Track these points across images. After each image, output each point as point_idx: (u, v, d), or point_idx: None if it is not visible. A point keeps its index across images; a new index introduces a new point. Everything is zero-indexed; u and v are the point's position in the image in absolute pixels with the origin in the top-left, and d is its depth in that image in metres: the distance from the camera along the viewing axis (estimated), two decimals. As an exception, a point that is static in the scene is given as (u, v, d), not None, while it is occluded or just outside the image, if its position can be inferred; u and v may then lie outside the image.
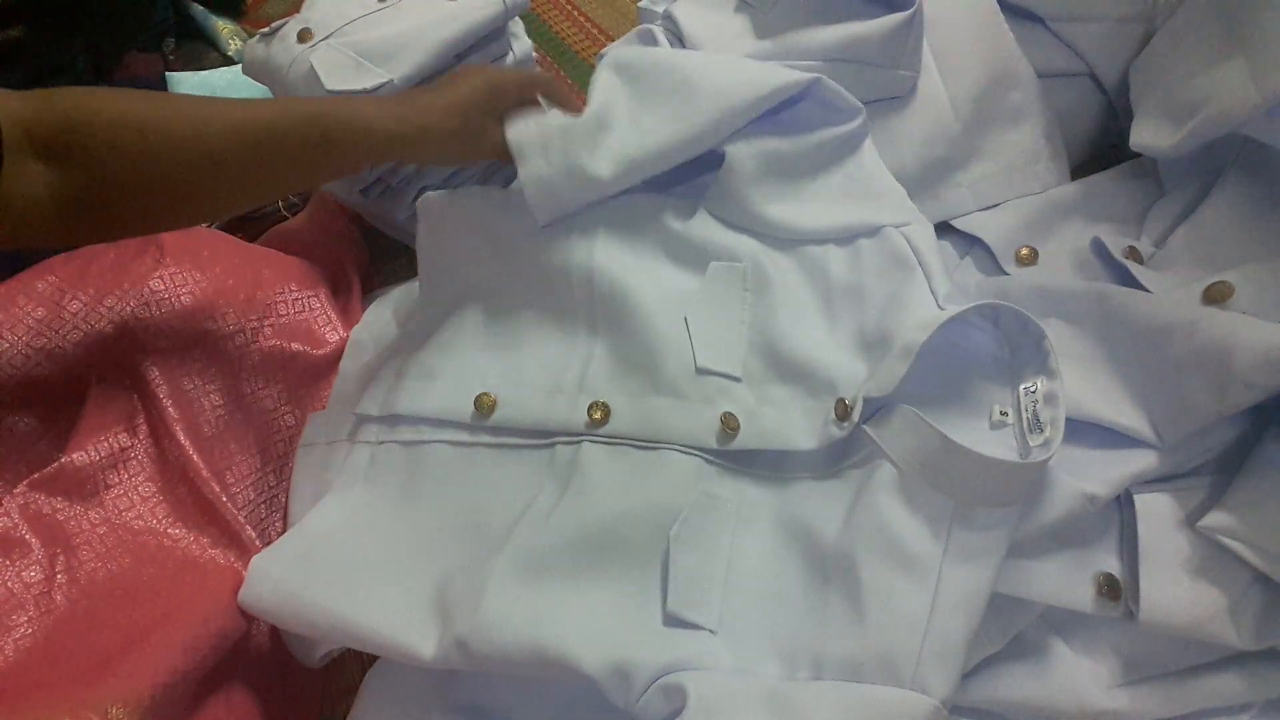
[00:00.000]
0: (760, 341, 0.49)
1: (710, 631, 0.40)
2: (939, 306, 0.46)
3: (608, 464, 0.46)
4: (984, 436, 0.43)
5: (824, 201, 0.51)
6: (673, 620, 0.41)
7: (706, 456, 0.46)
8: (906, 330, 0.44)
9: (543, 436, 0.48)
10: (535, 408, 0.49)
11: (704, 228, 0.52)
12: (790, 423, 0.45)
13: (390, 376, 0.53)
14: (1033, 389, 0.42)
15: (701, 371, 0.47)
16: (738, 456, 0.46)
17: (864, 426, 0.43)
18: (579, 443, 0.47)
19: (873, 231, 0.50)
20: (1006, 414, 0.43)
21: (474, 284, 0.56)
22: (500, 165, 0.68)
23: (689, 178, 0.55)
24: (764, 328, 0.49)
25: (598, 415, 0.47)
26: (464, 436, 0.50)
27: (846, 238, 0.50)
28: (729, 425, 0.45)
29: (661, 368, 0.48)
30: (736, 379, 0.47)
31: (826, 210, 0.51)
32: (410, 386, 0.52)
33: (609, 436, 0.47)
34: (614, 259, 0.51)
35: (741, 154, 0.51)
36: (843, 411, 0.44)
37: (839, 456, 0.44)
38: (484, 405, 0.49)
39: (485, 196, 0.55)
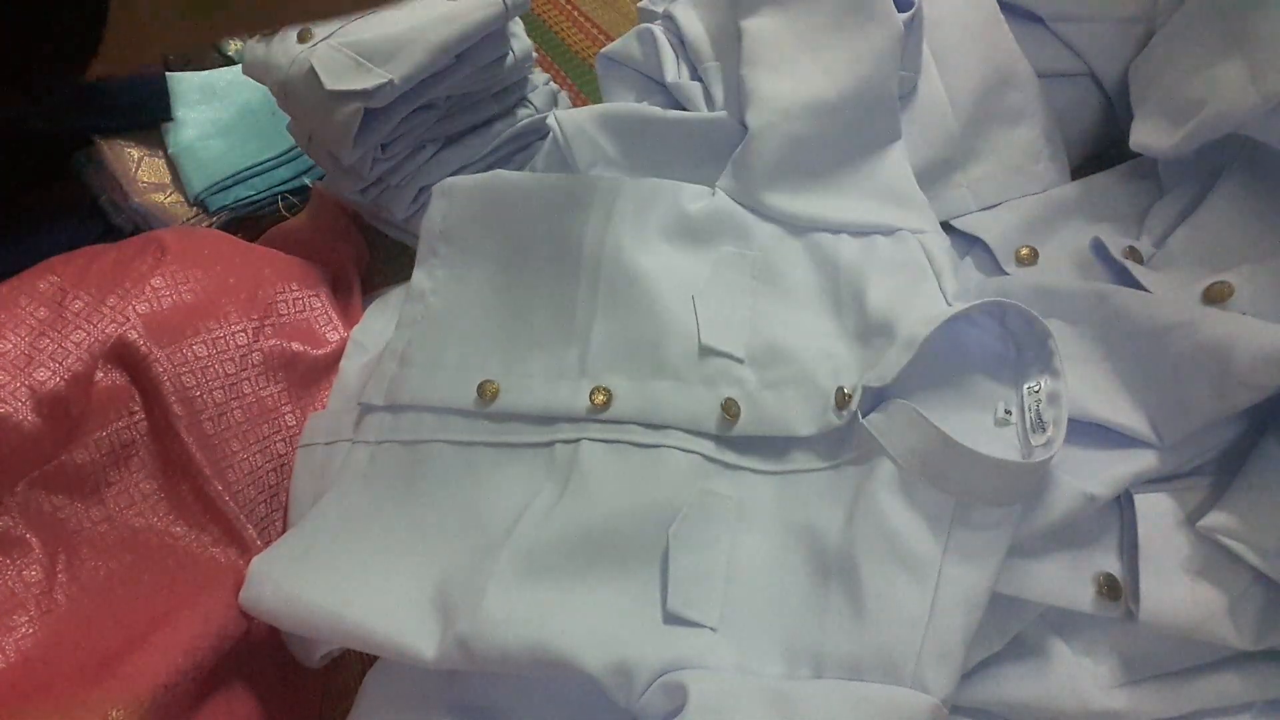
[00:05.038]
0: (765, 326, 0.49)
1: (711, 629, 0.40)
2: (948, 305, 0.46)
3: (607, 463, 0.46)
4: (985, 435, 0.43)
5: (843, 198, 0.51)
6: (673, 618, 0.41)
7: (706, 454, 0.46)
8: (911, 323, 0.44)
9: (544, 423, 0.48)
10: (537, 393, 0.49)
11: (716, 211, 0.52)
12: (790, 408, 0.45)
13: (393, 365, 0.53)
14: (1036, 388, 0.42)
15: (705, 351, 0.47)
16: (737, 443, 0.46)
17: (863, 422, 0.43)
18: (578, 442, 0.47)
19: (889, 231, 0.50)
20: (1010, 413, 0.43)
21: (479, 270, 0.55)
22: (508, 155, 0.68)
23: (704, 162, 0.55)
24: (769, 313, 0.49)
25: (600, 400, 0.47)
26: (463, 433, 0.49)
27: (861, 232, 0.50)
28: (729, 411, 0.46)
29: (665, 350, 0.48)
30: (739, 360, 0.48)
31: (846, 207, 0.51)
32: (414, 374, 0.52)
33: (611, 420, 0.47)
34: (624, 241, 0.51)
35: (766, 136, 0.50)
36: (842, 400, 0.44)
37: (838, 448, 0.44)
38: (487, 392, 0.49)
39: (502, 178, 0.55)
